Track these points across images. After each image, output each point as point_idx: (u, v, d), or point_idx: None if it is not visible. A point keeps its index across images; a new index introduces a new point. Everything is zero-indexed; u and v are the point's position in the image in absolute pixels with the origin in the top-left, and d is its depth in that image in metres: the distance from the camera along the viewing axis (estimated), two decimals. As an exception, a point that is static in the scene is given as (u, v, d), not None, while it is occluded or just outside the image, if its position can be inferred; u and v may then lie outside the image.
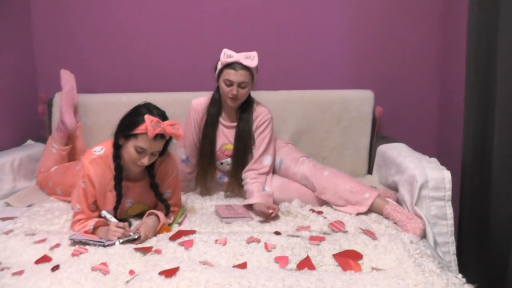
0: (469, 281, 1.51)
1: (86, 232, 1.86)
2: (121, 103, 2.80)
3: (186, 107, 2.58)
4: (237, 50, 2.23)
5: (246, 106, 2.32)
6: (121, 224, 1.84)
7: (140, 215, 2.05)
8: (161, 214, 1.95)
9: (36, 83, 3.05)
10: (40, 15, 2.98)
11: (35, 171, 2.65)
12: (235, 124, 2.34)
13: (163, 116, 1.89)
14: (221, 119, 2.35)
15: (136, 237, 1.81)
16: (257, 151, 2.31)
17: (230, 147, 2.35)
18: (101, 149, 1.95)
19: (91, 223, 1.88)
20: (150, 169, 1.98)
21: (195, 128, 2.35)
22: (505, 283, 1.80)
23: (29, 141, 2.90)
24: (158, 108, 1.91)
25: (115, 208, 1.95)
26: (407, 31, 2.89)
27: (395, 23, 2.89)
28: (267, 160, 2.33)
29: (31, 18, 2.98)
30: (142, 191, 2.02)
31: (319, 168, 2.27)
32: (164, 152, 1.96)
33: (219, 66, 2.25)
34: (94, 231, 1.88)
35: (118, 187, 1.93)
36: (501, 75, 1.81)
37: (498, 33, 1.84)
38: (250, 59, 2.20)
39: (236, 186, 2.35)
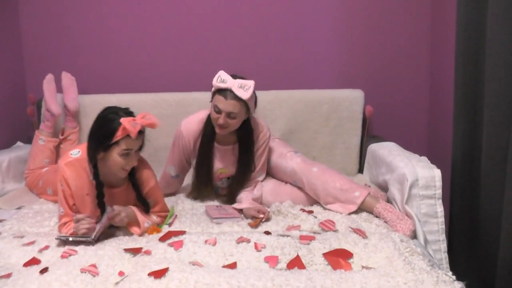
0: (459, 278, 1.51)
1: (72, 234, 1.85)
2: (111, 103, 2.78)
3: (176, 108, 2.59)
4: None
5: (245, 130, 2.17)
6: (81, 216, 1.82)
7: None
8: (137, 210, 1.93)
9: (25, 84, 3.03)
10: (28, 15, 2.95)
11: (24, 172, 2.63)
12: (230, 147, 2.23)
13: (130, 113, 1.87)
14: (215, 142, 2.23)
15: (105, 215, 1.82)
16: (254, 171, 2.26)
17: (225, 171, 2.28)
18: (78, 152, 1.93)
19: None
20: (130, 176, 1.96)
21: (185, 153, 2.26)
22: (494, 280, 1.81)
23: (19, 143, 2.88)
24: (121, 108, 1.88)
25: (102, 213, 1.91)
26: (397, 30, 2.90)
27: (385, 22, 2.90)
28: (260, 177, 2.30)
29: (19, 18, 2.96)
30: (120, 198, 1.98)
31: (308, 164, 2.25)
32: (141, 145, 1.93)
33: (212, 88, 2.10)
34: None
35: (101, 205, 1.90)
36: (489, 74, 1.82)
37: (486, 32, 1.85)
38: (244, 89, 2.00)
39: (231, 201, 2.28)
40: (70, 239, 1.78)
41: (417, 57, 2.92)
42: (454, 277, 1.51)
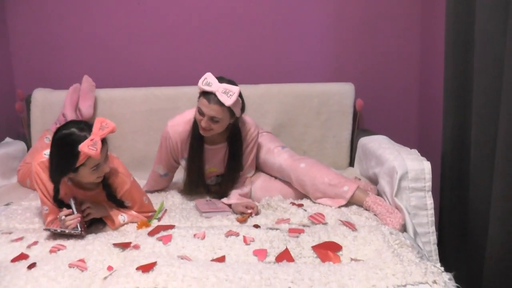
0: (448, 269, 1.52)
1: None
2: (99, 98, 2.80)
3: (166, 102, 2.58)
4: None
5: (233, 132, 2.16)
6: (64, 213, 1.81)
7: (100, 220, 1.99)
8: (113, 211, 1.92)
9: (13, 79, 3.01)
10: (15, 11, 2.93)
11: (15, 168, 2.63)
12: (218, 146, 2.21)
13: (88, 127, 1.77)
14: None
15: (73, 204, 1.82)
16: (242, 170, 2.25)
17: (215, 169, 2.27)
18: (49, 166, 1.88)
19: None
20: (105, 187, 1.93)
21: (173, 153, 2.23)
22: (482, 271, 1.82)
23: (8, 139, 2.86)
24: (75, 125, 1.79)
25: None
26: (387, 24, 2.90)
27: (375, 16, 2.89)
28: (249, 173, 2.29)
29: (6, 13, 2.93)
30: (99, 198, 1.96)
31: (295, 159, 2.24)
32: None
33: (198, 91, 2.06)
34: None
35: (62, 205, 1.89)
36: (478, 66, 1.83)
37: (474, 25, 1.86)
38: (227, 95, 1.95)
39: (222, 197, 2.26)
40: (59, 231, 1.77)
41: (407, 51, 2.92)
42: (442, 268, 1.51)
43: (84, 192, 1.94)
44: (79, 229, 1.78)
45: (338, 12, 2.89)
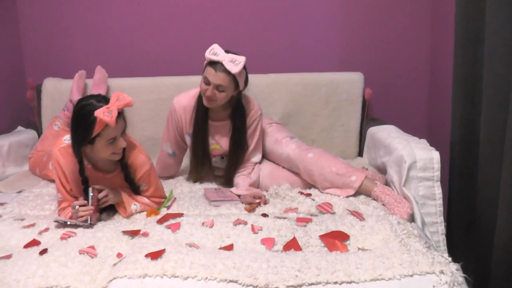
0: (456, 260, 1.51)
1: (70, 218, 1.87)
2: (108, 87, 2.81)
3: (175, 92, 2.57)
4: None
5: (236, 106, 2.21)
6: (78, 202, 1.83)
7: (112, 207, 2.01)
8: (126, 198, 1.94)
9: (24, 68, 3.03)
10: (26, 1, 2.93)
11: (26, 156, 2.66)
12: (222, 122, 2.25)
13: (105, 100, 1.83)
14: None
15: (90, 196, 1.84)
16: (247, 150, 2.26)
17: (217, 147, 2.29)
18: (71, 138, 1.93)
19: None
20: (121, 160, 1.95)
21: (178, 129, 2.28)
22: (490, 262, 1.82)
23: (19, 128, 2.89)
24: (93, 96, 1.85)
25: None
26: (397, 12, 2.87)
27: (385, 4, 2.87)
28: (255, 157, 2.29)
29: (17, 3, 2.94)
30: (115, 182, 1.99)
31: (303, 149, 2.24)
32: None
33: (205, 61, 2.12)
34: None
35: (85, 190, 1.91)
36: (488, 54, 1.81)
37: (485, 13, 1.83)
38: (234, 63, 2.03)
39: (228, 182, 2.29)
40: (68, 222, 1.80)
41: (417, 40, 2.89)
42: (450, 258, 1.51)
43: (103, 175, 1.96)
44: (89, 221, 1.80)
45: (347, 2, 2.87)
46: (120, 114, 1.82)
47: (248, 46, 2.20)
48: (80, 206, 1.81)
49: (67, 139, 1.92)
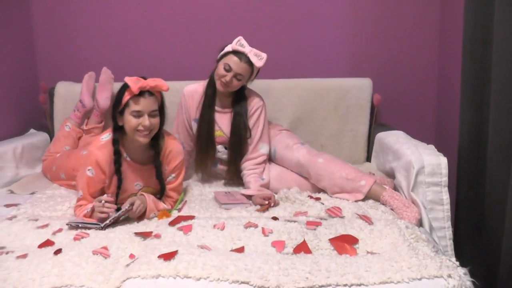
0: (464, 265, 1.53)
1: (85, 215, 1.90)
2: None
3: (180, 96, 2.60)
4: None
5: (239, 95, 2.32)
6: (103, 198, 1.88)
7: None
8: (150, 198, 1.96)
9: (37, 72, 3.07)
10: (40, 5, 2.99)
11: (39, 158, 2.71)
12: (226, 110, 2.34)
13: (143, 78, 1.94)
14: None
15: (126, 208, 1.86)
16: (252, 140, 2.31)
17: (221, 134, 2.35)
18: (108, 135, 2.00)
19: (89, 206, 1.93)
20: (156, 148, 2.02)
21: (186, 114, 2.37)
22: (498, 267, 1.83)
23: (32, 130, 2.94)
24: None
25: (118, 190, 2.00)
26: (405, 19, 2.90)
27: (393, 10, 2.90)
28: (263, 149, 2.33)
29: (31, 6, 2.99)
30: (150, 175, 2.06)
31: (313, 155, 2.27)
32: (163, 117, 1.99)
33: (227, 49, 2.23)
34: (91, 214, 1.91)
35: (118, 172, 1.98)
36: (496, 60, 1.82)
37: (493, 19, 1.85)
38: (258, 58, 2.20)
39: (234, 176, 2.37)
40: (80, 225, 1.83)
41: (425, 46, 2.92)
42: (457, 262, 1.53)
43: (139, 166, 2.03)
44: (102, 225, 1.82)
45: (356, 8, 2.90)
46: (151, 94, 1.91)
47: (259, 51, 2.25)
48: (106, 202, 1.87)
49: (104, 137, 2.00)
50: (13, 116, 2.81)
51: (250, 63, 2.20)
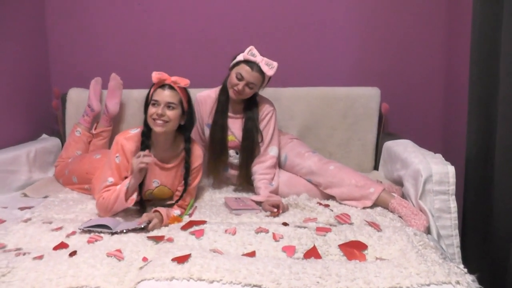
0: (471, 272, 1.54)
1: (117, 197, 1.98)
2: (133, 98, 2.89)
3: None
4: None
5: (251, 101, 2.37)
6: (141, 152, 1.98)
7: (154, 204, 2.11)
8: (164, 213, 1.99)
9: (50, 78, 3.13)
10: (53, 12, 3.05)
11: (51, 163, 2.76)
12: (238, 116, 2.38)
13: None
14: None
15: (142, 226, 1.87)
16: (262, 143, 2.36)
17: (233, 138, 2.39)
18: (137, 129, 2.10)
19: (121, 184, 2.01)
20: (188, 151, 2.14)
21: (199, 119, 2.42)
22: (505, 276, 1.84)
23: (44, 135, 2.99)
24: None
25: (140, 186, 2.05)
26: (413, 28, 2.94)
27: (401, 20, 2.94)
28: (273, 151, 2.37)
29: (45, 15, 3.05)
30: (169, 174, 2.14)
31: (324, 162, 2.31)
32: (190, 118, 2.12)
33: (239, 58, 2.29)
34: (131, 173, 2.00)
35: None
36: (504, 70, 1.85)
37: (501, 29, 1.88)
38: (269, 67, 2.26)
39: (244, 181, 2.41)
40: (93, 229, 1.86)
41: (432, 56, 2.95)
42: (465, 269, 1.55)
43: (161, 164, 2.11)
44: (113, 230, 1.84)
45: (365, 17, 2.94)
46: (171, 88, 2.03)
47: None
48: (144, 155, 1.96)
49: (133, 130, 2.10)
50: (26, 121, 2.86)
51: (261, 72, 2.25)
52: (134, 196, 2.01)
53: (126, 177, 2.05)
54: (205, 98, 2.41)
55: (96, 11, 3.03)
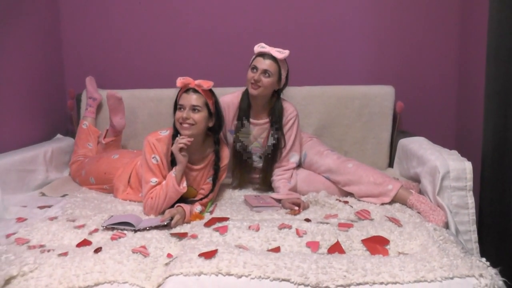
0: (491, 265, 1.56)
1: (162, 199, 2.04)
2: (148, 98, 2.90)
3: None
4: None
5: (275, 105, 2.37)
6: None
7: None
8: (187, 209, 2.02)
9: (64, 78, 3.15)
10: (68, 12, 3.07)
11: (66, 163, 2.77)
12: (262, 121, 2.39)
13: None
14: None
15: (165, 223, 1.89)
16: (284, 149, 2.37)
17: (256, 144, 2.41)
18: (166, 131, 2.14)
19: (168, 176, 2.09)
20: (218, 154, 2.21)
21: None
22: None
23: (58, 135, 3.00)
24: None
25: None
26: (427, 27, 2.95)
27: (415, 19, 2.95)
28: (293, 158, 2.39)
29: (60, 14, 3.07)
30: (196, 176, 2.19)
31: (343, 160, 2.34)
32: (219, 120, 2.18)
33: (253, 56, 2.33)
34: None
35: (173, 164, 2.10)
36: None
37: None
38: (280, 52, 2.29)
39: (266, 183, 2.42)
40: (116, 227, 1.88)
41: (446, 54, 2.96)
42: (488, 263, 1.56)
43: (189, 165, 2.15)
44: (136, 227, 1.86)
45: (379, 16, 2.96)
46: (195, 91, 2.09)
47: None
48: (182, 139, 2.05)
49: (162, 132, 2.15)
50: (42, 121, 2.88)
51: (274, 59, 2.29)
52: (185, 184, 2.08)
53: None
54: (228, 104, 2.41)
55: (111, 12, 3.05)
